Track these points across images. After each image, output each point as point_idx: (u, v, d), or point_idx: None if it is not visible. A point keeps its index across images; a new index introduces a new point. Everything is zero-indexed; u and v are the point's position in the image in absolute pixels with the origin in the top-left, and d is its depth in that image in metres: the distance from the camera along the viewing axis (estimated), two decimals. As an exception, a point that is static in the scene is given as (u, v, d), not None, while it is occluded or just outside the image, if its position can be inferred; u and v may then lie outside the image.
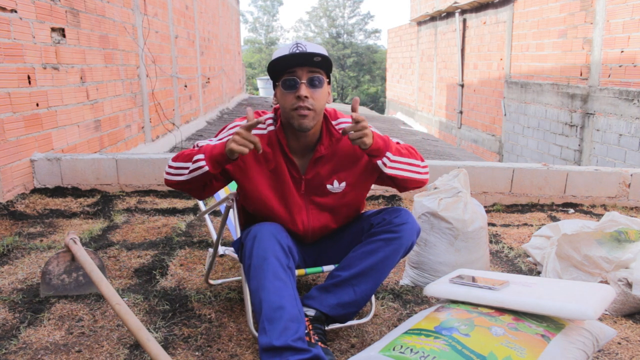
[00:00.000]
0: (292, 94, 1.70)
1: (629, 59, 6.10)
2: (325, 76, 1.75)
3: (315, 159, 1.81)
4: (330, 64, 1.74)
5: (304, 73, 1.69)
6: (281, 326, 1.51)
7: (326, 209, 1.88)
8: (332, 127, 1.82)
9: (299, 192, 1.84)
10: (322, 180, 1.84)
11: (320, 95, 1.73)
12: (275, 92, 1.79)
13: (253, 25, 39.42)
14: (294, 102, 1.70)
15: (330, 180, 1.84)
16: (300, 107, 1.69)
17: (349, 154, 1.84)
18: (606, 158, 6.53)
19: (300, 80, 1.69)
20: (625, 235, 2.23)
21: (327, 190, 1.85)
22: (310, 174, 1.82)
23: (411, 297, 2.27)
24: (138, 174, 3.93)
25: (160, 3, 7.20)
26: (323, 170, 1.83)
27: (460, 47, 11.72)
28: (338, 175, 1.84)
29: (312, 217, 1.87)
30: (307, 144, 1.81)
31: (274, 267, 1.60)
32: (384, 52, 30.50)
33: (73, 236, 2.23)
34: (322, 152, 1.80)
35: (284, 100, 1.73)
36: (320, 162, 1.82)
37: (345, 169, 1.84)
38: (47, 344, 1.84)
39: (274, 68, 1.73)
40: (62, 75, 4.28)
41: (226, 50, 13.03)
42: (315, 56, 1.67)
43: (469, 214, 2.29)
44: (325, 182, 1.84)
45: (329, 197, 1.86)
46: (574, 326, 1.59)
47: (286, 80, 1.70)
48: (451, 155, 9.24)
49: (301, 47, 1.70)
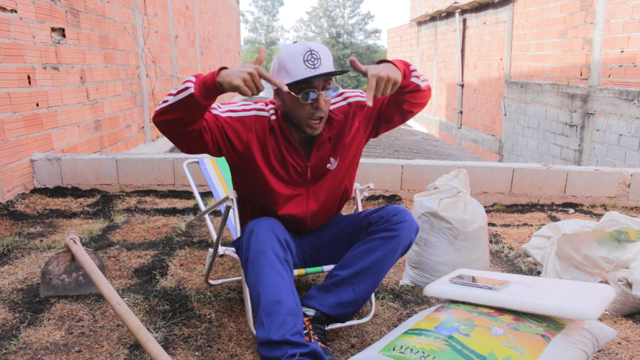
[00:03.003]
0: (310, 105, 1.71)
1: (629, 59, 6.10)
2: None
3: (318, 144, 1.84)
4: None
5: (320, 83, 1.71)
6: (279, 320, 1.52)
7: (324, 186, 1.91)
8: (330, 112, 1.84)
9: (303, 179, 1.87)
10: (324, 162, 1.87)
11: (329, 100, 1.77)
12: (282, 94, 1.75)
13: (253, 25, 39.47)
14: (312, 112, 1.72)
15: (329, 160, 1.87)
16: (316, 116, 1.73)
17: (341, 130, 1.87)
18: (606, 158, 6.53)
19: (318, 92, 1.70)
20: (625, 235, 2.23)
21: (327, 169, 1.88)
22: (314, 159, 1.85)
23: (411, 297, 2.27)
24: (138, 174, 3.93)
25: (160, 3, 7.20)
26: (325, 152, 1.86)
27: (460, 47, 11.72)
28: (335, 153, 1.88)
29: (311, 199, 1.90)
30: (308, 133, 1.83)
31: (271, 260, 1.60)
32: (384, 52, 30.50)
33: (73, 236, 2.23)
34: (323, 136, 1.83)
35: (300, 109, 1.72)
36: (322, 146, 1.85)
37: (341, 145, 1.88)
38: (47, 344, 1.84)
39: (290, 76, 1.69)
40: (62, 75, 4.28)
41: (226, 50, 13.03)
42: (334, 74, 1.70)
43: (469, 214, 2.29)
44: (326, 164, 1.87)
45: (327, 175, 1.89)
46: (574, 326, 1.59)
47: (307, 92, 1.68)
48: (451, 155, 9.23)
49: (315, 55, 1.66)
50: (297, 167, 1.84)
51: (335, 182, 1.93)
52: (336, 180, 1.92)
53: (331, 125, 1.84)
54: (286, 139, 1.81)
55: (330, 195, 1.94)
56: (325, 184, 1.90)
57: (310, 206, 1.90)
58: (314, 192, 1.90)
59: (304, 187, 1.88)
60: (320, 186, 1.90)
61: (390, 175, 3.85)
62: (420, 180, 3.83)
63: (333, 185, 1.93)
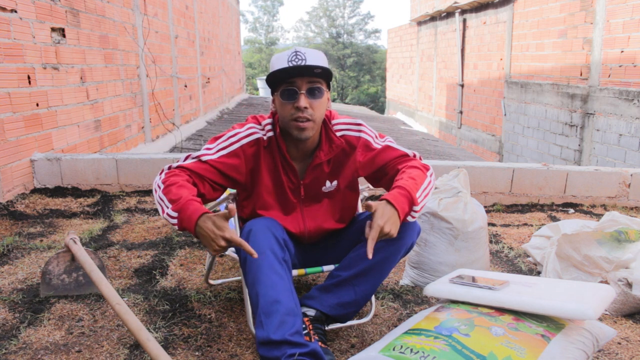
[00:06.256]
0: (291, 104, 1.69)
1: (629, 59, 6.10)
2: (325, 85, 1.74)
3: (314, 165, 1.81)
4: (330, 73, 1.73)
5: (303, 83, 1.68)
6: (278, 320, 1.52)
7: (320, 209, 1.89)
8: (332, 132, 1.82)
9: (296, 197, 1.85)
10: (319, 184, 1.85)
11: (320, 104, 1.72)
12: (274, 99, 1.77)
13: (253, 25, 39.45)
14: (293, 112, 1.68)
15: (325, 182, 1.86)
16: (300, 117, 1.68)
17: (344, 157, 1.85)
18: (606, 158, 6.53)
19: (300, 91, 1.67)
20: (625, 235, 2.23)
21: (322, 191, 1.86)
22: (309, 178, 1.83)
23: (411, 297, 2.27)
24: (138, 174, 3.93)
25: (160, 3, 7.21)
26: (321, 174, 1.84)
27: (460, 47, 11.72)
28: (332, 177, 1.86)
29: (307, 219, 1.88)
30: (305, 150, 1.81)
31: (269, 260, 1.60)
32: (384, 52, 30.51)
33: (73, 236, 2.23)
34: (321, 158, 1.81)
35: (283, 109, 1.71)
36: (319, 167, 1.83)
37: (340, 171, 1.86)
38: (47, 344, 1.84)
39: (273, 76, 1.70)
40: (62, 75, 4.28)
41: (226, 50, 13.04)
42: (316, 68, 1.66)
43: (469, 214, 2.29)
44: (322, 186, 1.85)
45: (323, 197, 1.88)
46: (574, 326, 1.59)
47: (285, 90, 1.68)
48: (451, 155, 9.23)
49: (300, 56, 1.67)
50: (289, 184, 1.82)
51: (335, 206, 1.90)
52: (335, 204, 1.90)
53: (331, 147, 1.81)
54: (282, 155, 1.79)
55: (329, 218, 1.91)
56: (322, 207, 1.88)
57: (308, 226, 1.88)
58: (311, 214, 1.87)
59: (297, 206, 1.86)
60: (318, 209, 1.88)
61: (390, 175, 3.85)
62: (420, 180, 3.82)
63: (335, 206, 1.90)
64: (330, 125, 1.83)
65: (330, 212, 1.91)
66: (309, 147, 1.80)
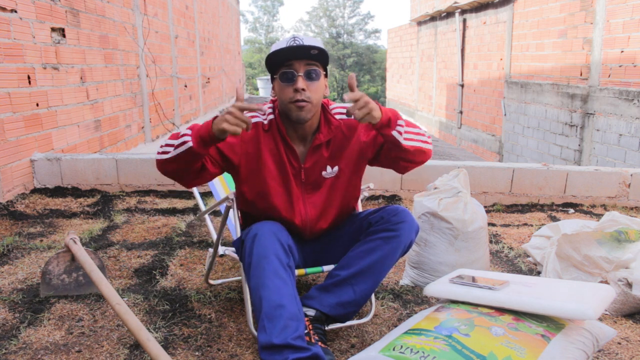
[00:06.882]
0: (290, 87, 1.72)
1: (629, 59, 6.10)
2: (322, 69, 1.76)
3: (314, 146, 1.82)
4: (327, 57, 1.76)
5: (301, 66, 1.71)
6: (281, 324, 1.52)
7: (322, 196, 1.89)
8: (330, 115, 1.84)
9: (297, 181, 1.85)
10: (319, 168, 1.85)
11: (317, 87, 1.75)
12: (273, 85, 1.81)
13: (253, 25, 39.44)
14: (292, 94, 1.72)
15: (325, 167, 1.86)
16: (298, 99, 1.71)
17: (345, 140, 1.86)
18: (606, 158, 6.53)
19: (298, 73, 1.71)
20: (625, 235, 2.23)
21: (322, 176, 1.87)
22: (309, 162, 1.84)
23: (411, 297, 2.27)
24: (138, 174, 3.93)
25: (160, 3, 7.20)
26: (321, 158, 1.84)
27: (460, 47, 11.72)
28: (333, 162, 1.86)
29: (308, 207, 1.88)
30: (305, 134, 1.82)
31: (274, 265, 1.60)
32: (384, 52, 30.51)
33: (73, 236, 2.23)
34: (320, 139, 1.82)
35: (282, 92, 1.75)
36: (318, 150, 1.83)
37: (341, 155, 1.86)
38: (47, 344, 1.84)
39: (272, 61, 1.75)
40: (62, 75, 4.28)
41: (226, 50, 13.04)
42: (312, 49, 1.69)
43: (469, 214, 2.29)
44: (322, 170, 1.86)
45: (324, 182, 1.88)
46: (574, 326, 1.59)
47: (284, 73, 1.72)
48: (451, 155, 9.24)
49: (298, 40, 1.73)
50: (291, 168, 1.83)
51: (336, 193, 1.89)
52: (336, 191, 1.89)
53: (330, 129, 1.83)
54: (282, 137, 1.81)
55: (330, 206, 1.91)
56: (323, 194, 1.88)
57: (309, 213, 1.88)
58: (312, 201, 1.87)
59: (299, 191, 1.86)
60: (319, 196, 1.88)
61: (390, 175, 3.85)
62: (420, 180, 3.83)
63: (335, 193, 1.90)
64: (328, 109, 1.86)
65: (331, 200, 1.91)
66: (308, 131, 1.81)
